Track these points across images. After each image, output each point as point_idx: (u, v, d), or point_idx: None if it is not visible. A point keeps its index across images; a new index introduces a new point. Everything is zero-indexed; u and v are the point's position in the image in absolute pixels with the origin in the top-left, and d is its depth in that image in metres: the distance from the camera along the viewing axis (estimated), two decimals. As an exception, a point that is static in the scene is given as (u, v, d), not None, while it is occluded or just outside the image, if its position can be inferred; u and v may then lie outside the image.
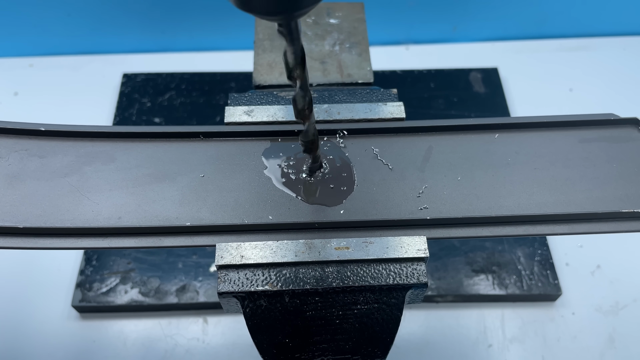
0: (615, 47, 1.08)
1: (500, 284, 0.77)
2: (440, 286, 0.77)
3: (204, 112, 0.95)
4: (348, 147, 0.49)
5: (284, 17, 0.33)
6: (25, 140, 0.47)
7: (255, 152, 0.48)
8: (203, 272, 0.78)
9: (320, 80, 0.56)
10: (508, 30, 1.08)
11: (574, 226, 0.44)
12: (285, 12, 0.32)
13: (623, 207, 0.44)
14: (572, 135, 0.49)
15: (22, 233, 0.42)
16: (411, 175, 0.46)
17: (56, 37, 1.04)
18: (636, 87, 1.02)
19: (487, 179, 0.46)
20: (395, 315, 0.42)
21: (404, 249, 0.42)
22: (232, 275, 0.42)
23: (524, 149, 0.48)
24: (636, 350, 0.74)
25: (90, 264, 0.78)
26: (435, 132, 0.49)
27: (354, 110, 0.50)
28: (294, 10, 0.31)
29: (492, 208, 0.44)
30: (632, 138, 0.48)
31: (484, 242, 0.81)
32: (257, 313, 0.42)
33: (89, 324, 0.76)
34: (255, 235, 0.43)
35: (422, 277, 0.42)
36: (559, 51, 1.08)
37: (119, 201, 0.44)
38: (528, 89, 1.01)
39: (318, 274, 0.42)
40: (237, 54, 1.06)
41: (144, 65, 1.04)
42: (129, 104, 0.97)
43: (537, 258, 0.79)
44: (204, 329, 0.76)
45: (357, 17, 0.62)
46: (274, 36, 0.60)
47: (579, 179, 0.46)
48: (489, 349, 0.74)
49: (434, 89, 0.99)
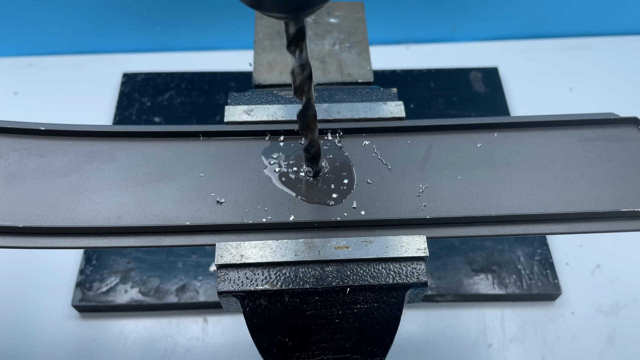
0: (615, 46, 1.08)
1: (500, 283, 0.77)
2: (440, 285, 0.77)
3: (204, 112, 0.95)
4: (348, 147, 0.49)
5: (292, 16, 0.33)
6: (25, 139, 0.47)
7: (255, 151, 0.48)
8: (203, 272, 0.78)
9: (320, 79, 0.56)
10: (508, 29, 1.08)
11: (573, 225, 0.44)
12: (293, 11, 0.32)
13: (623, 206, 0.44)
14: (572, 134, 0.49)
15: (21, 232, 0.42)
16: (411, 174, 0.46)
17: (56, 36, 1.04)
18: (636, 86, 1.02)
19: (487, 179, 0.46)
20: (394, 314, 0.42)
21: (403, 248, 0.42)
22: (232, 275, 0.42)
23: (523, 148, 0.48)
24: (636, 349, 0.74)
25: (90, 263, 0.78)
26: (435, 132, 0.49)
27: (353, 109, 0.50)
28: (301, 10, 0.31)
29: (492, 207, 0.44)
30: (632, 137, 0.48)
31: (484, 242, 0.81)
32: (257, 312, 0.42)
33: (89, 324, 0.76)
34: (255, 234, 0.43)
35: (422, 277, 0.42)
36: (559, 51, 1.08)
37: (119, 200, 0.44)
38: (528, 89, 1.01)
39: (318, 273, 0.42)
40: (237, 53, 1.06)
41: (143, 65, 1.04)
42: (129, 104, 0.97)
43: (537, 257, 0.79)
44: (204, 329, 0.76)
45: (357, 16, 0.62)
46: (274, 36, 0.59)
47: (578, 178, 0.46)
48: (489, 348, 0.74)
49: (434, 89, 0.99)
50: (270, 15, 0.33)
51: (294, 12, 0.32)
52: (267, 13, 0.32)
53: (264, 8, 0.31)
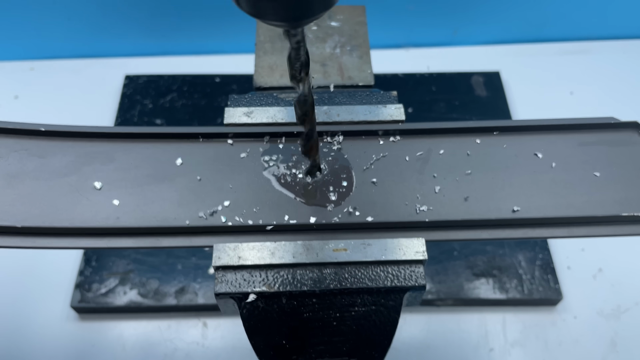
0: (616, 50, 1.08)
1: (501, 288, 0.77)
2: (441, 290, 0.76)
3: (205, 114, 0.96)
4: (347, 149, 0.49)
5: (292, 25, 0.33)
6: (25, 140, 0.47)
7: (254, 153, 0.48)
8: (202, 274, 0.78)
9: (321, 82, 0.56)
10: (509, 33, 1.08)
11: (573, 230, 0.44)
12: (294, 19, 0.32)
13: (623, 210, 0.44)
14: (572, 138, 0.48)
15: (21, 232, 0.42)
16: (410, 177, 0.46)
17: (57, 40, 1.04)
18: (637, 90, 1.02)
19: (486, 182, 0.46)
20: (392, 317, 0.42)
21: (402, 251, 0.42)
22: (229, 276, 0.41)
23: (523, 152, 0.48)
24: (638, 354, 0.74)
25: (89, 264, 0.78)
26: (435, 135, 0.49)
27: (353, 112, 0.50)
28: (302, 18, 0.32)
29: (491, 211, 0.44)
30: (632, 142, 0.48)
31: (485, 246, 0.80)
32: (254, 314, 0.42)
33: (88, 325, 0.76)
34: (253, 236, 0.43)
35: (420, 280, 0.42)
36: (560, 54, 1.08)
37: (118, 201, 0.44)
38: (529, 93, 1.01)
39: (315, 276, 0.42)
40: (239, 57, 1.06)
41: (145, 69, 1.04)
42: (131, 106, 0.97)
43: (538, 262, 0.79)
44: (203, 333, 0.76)
45: (358, 20, 0.62)
46: (275, 39, 0.60)
47: (578, 183, 0.46)
48: (490, 353, 0.74)
49: (436, 92, 0.99)
50: (270, 24, 0.33)
51: (295, 21, 0.32)
52: (268, 22, 0.32)
53: (264, 17, 0.32)
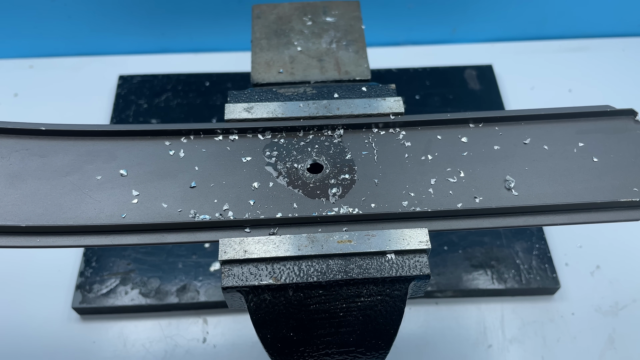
0: (614, 48, 1.08)
1: (499, 278, 0.77)
2: (440, 281, 0.77)
3: (201, 113, 0.95)
4: (348, 142, 0.49)
5: None
6: (26, 139, 0.47)
7: (256, 148, 0.48)
8: (203, 272, 0.78)
9: (318, 77, 0.56)
10: (507, 31, 1.08)
11: (573, 216, 0.45)
12: None
13: (621, 196, 0.44)
14: (569, 127, 0.49)
15: (24, 232, 0.42)
16: (411, 168, 0.47)
17: (56, 38, 1.04)
18: (635, 88, 1.02)
19: (486, 171, 0.47)
20: (398, 307, 0.43)
21: (405, 241, 0.43)
22: (235, 270, 0.42)
23: (522, 141, 0.48)
24: (636, 350, 0.74)
25: (90, 265, 0.78)
26: (435, 126, 0.50)
27: (353, 105, 0.51)
28: None
29: (491, 200, 0.45)
30: (628, 128, 0.49)
31: (483, 237, 0.81)
32: (261, 307, 0.42)
33: (89, 326, 0.76)
34: (257, 230, 0.44)
35: (425, 269, 0.42)
36: (558, 52, 1.08)
37: (121, 199, 0.44)
38: (527, 90, 1.01)
39: (321, 267, 0.42)
40: (234, 55, 1.06)
41: (141, 67, 1.03)
42: (126, 106, 0.97)
43: (535, 252, 0.80)
44: (203, 330, 0.76)
45: (353, 15, 0.62)
46: (271, 35, 0.60)
47: (577, 170, 0.46)
48: (489, 349, 0.75)
49: (430, 87, 0.99)
50: None
51: None
52: None
53: None
